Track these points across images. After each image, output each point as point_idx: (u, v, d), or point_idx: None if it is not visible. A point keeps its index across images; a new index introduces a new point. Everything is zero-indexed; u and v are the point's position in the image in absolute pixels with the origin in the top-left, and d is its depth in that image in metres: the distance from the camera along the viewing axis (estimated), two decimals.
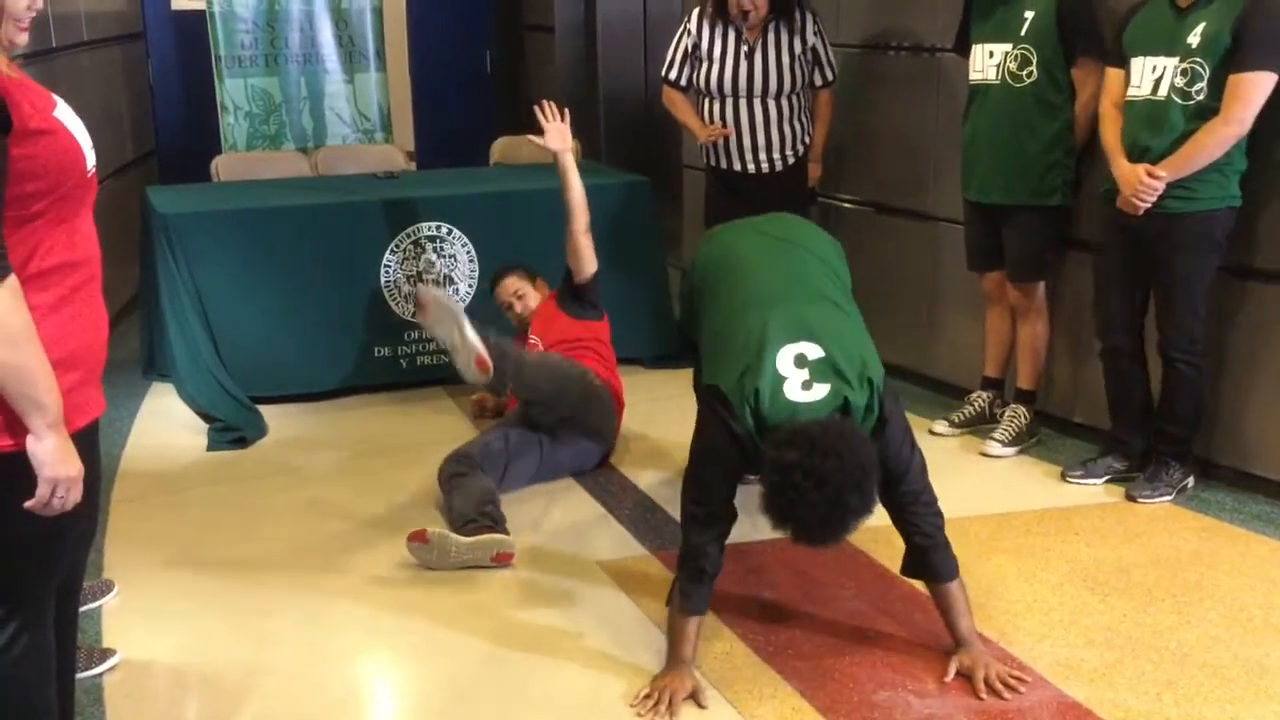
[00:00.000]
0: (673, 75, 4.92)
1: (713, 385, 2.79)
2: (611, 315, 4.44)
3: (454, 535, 3.43)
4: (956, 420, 4.47)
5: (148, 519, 3.81)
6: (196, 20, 6.80)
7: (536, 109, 4.41)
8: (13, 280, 1.75)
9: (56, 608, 2.07)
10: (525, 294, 4.58)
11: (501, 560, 3.42)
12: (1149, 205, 3.63)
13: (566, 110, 4.41)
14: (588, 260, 4.35)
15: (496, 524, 3.51)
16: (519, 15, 8.40)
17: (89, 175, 1.92)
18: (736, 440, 2.71)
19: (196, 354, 4.70)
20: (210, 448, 4.39)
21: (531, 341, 4.31)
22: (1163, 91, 3.62)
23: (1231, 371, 3.88)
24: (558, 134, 4.39)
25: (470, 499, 3.60)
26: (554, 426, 3.97)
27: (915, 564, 2.92)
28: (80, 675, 2.67)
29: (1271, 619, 3.13)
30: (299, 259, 4.83)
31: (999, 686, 2.78)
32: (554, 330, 4.32)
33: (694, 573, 2.81)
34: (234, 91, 6.63)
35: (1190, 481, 3.89)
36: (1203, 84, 3.54)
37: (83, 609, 2.89)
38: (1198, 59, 3.54)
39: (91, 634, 3.05)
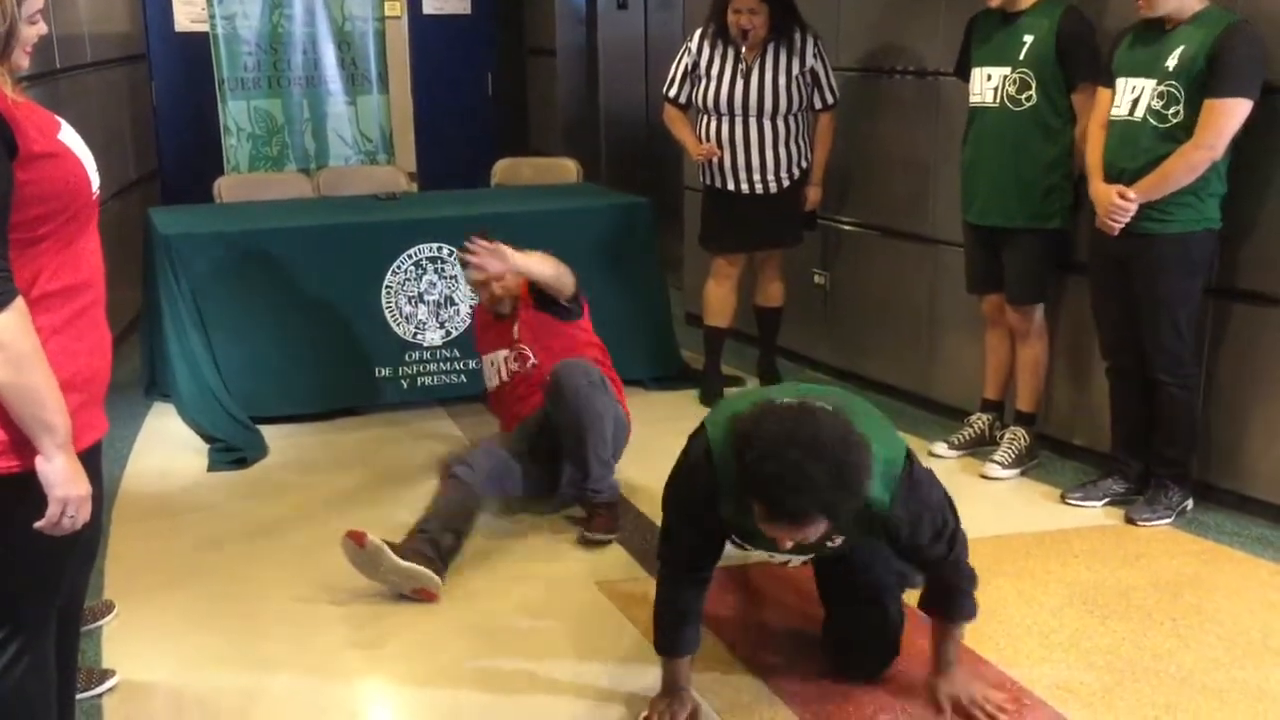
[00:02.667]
0: (673, 93, 4.96)
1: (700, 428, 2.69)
2: (611, 337, 4.43)
3: (389, 552, 3.32)
4: (956, 442, 4.48)
5: (148, 540, 3.81)
6: (200, 42, 6.83)
7: (466, 248, 3.95)
8: (19, 302, 1.77)
9: (57, 629, 2.08)
10: (503, 276, 4.06)
11: (422, 595, 3.35)
12: (1123, 226, 3.65)
13: (485, 236, 3.97)
14: (567, 288, 4.09)
15: (435, 559, 3.42)
16: (521, 38, 8.45)
17: (94, 198, 1.94)
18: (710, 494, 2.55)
19: (197, 374, 4.71)
20: (211, 468, 4.39)
21: (524, 352, 4.14)
22: (1139, 113, 3.64)
23: (1226, 394, 3.89)
24: (489, 259, 3.89)
25: (443, 516, 3.55)
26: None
27: (937, 602, 2.78)
28: (80, 696, 2.67)
29: (1271, 642, 3.13)
30: (300, 280, 4.85)
31: (991, 710, 2.76)
32: (550, 339, 4.08)
33: (674, 619, 2.73)
34: (236, 113, 6.66)
35: (1189, 504, 3.89)
36: (1178, 107, 3.55)
37: (83, 630, 2.89)
38: (1174, 82, 3.56)
39: (91, 655, 3.05)
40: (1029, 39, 4.03)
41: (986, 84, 4.13)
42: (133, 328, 5.61)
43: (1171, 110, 3.57)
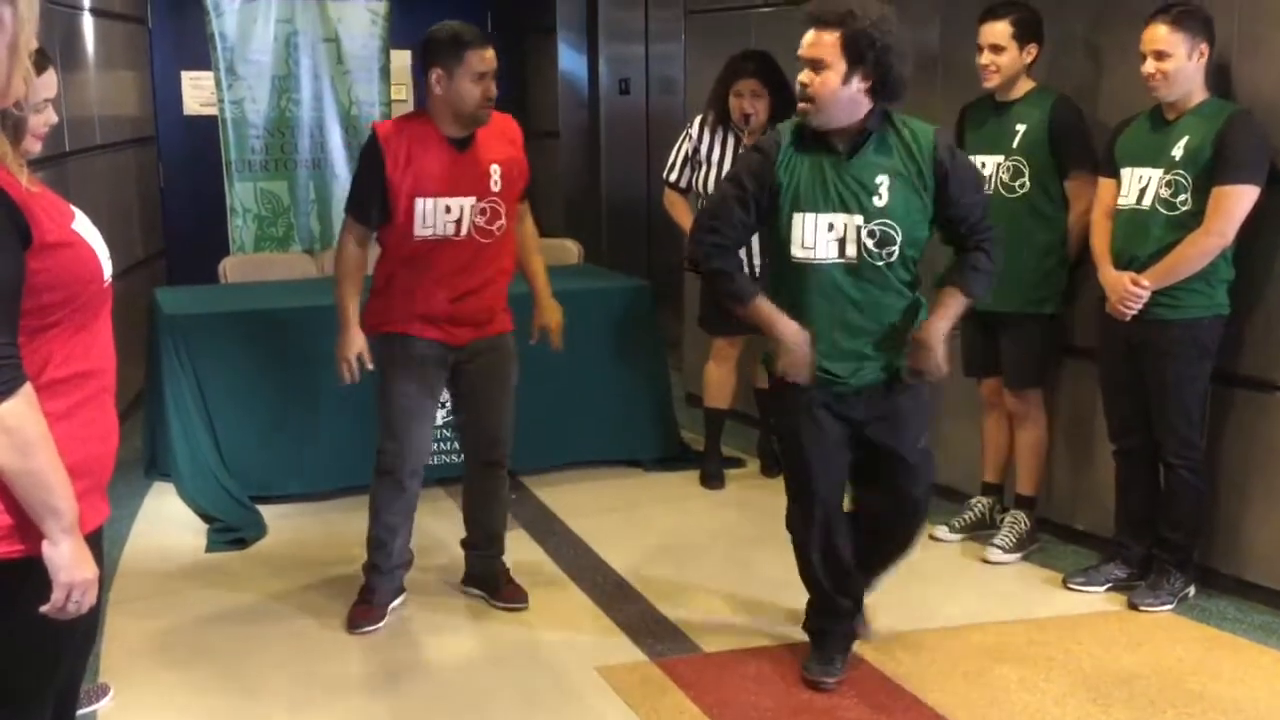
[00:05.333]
0: (673, 177, 5.03)
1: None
2: (611, 418, 4.44)
3: None
4: (957, 525, 4.47)
5: (145, 622, 3.79)
6: (208, 125, 6.94)
7: None
8: (27, 388, 1.78)
9: (53, 712, 2.06)
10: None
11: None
12: (1135, 312, 3.69)
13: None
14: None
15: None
16: (525, 121, 8.55)
17: (106, 286, 1.97)
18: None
19: (198, 453, 4.72)
20: (209, 549, 4.38)
21: (497, 208, 3.61)
22: (1147, 202, 3.70)
23: (1227, 479, 3.90)
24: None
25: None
26: None
27: (957, 278, 3.27)
28: None
29: None
30: (302, 360, 4.86)
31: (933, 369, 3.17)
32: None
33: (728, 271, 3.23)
34: (243, 194, 6.74)
35: (1191, 590, 3.88)
36: (1186, 195, 3.62)
37: (79, 713, 2.86)
38: (1181, 171, 3.63)
39: None
40: (1021, 128, 4.10)
41: (980, 172, 4.19)
42: (135, 406, 5.63)
43: (1180, 199, 3.63)
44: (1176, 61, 3.60)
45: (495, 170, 3.58)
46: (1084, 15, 4.20)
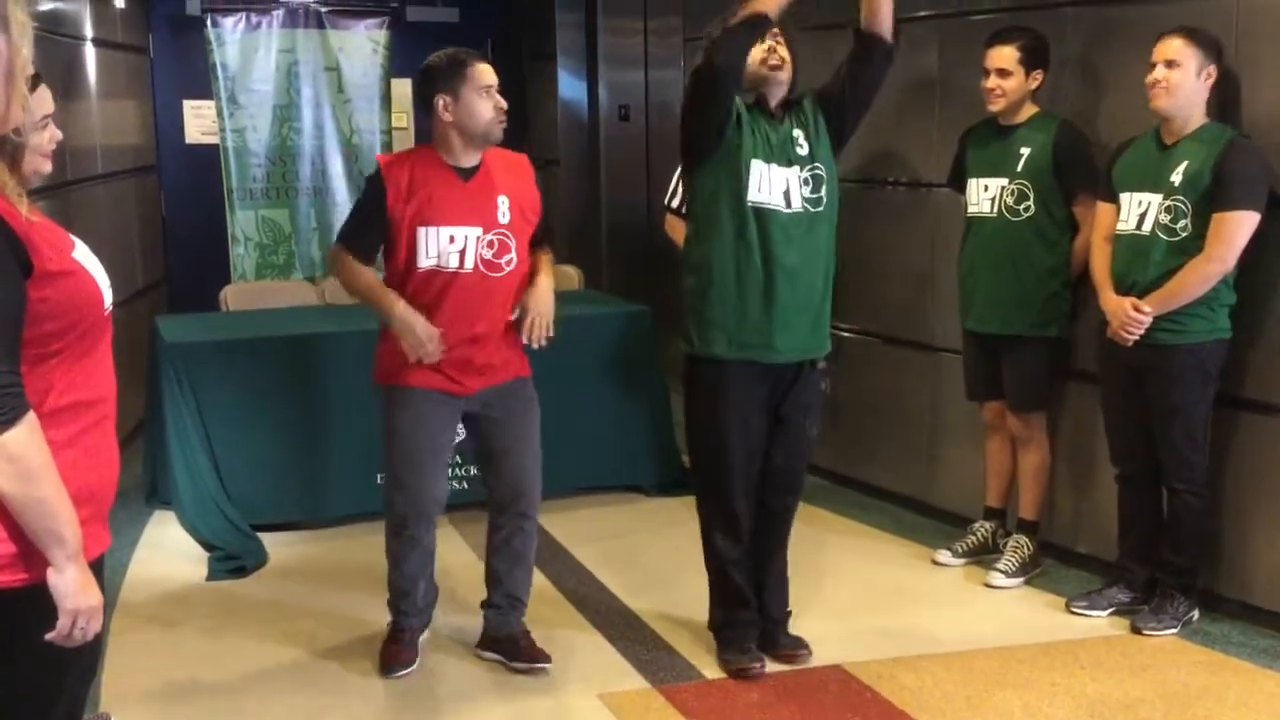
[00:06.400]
0: (674, 203, 5.02)
1: None
2: (613, 443, 4.43)
3: None
4: (959, 550, 4.46)
5: (146, 651, 3.77)
6: (209, 153, 6.97)
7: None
8: (30, 417, 1.78)
9: None
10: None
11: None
12: (1137, 337, 3.70)
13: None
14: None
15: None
16: (526, 149, 8.58)
17: (106, 314, 1.97)
18: None
19: (199, 481, 4.71)
20: (210, 577, 4.37)
21: (506, 241, 3.48)
22: (1147, 227, 3.71)
23: (1230, 502, 3.89)
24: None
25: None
26: None
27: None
28: None
29: None
30: (304, 387, 4.87)
31: None
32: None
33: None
34: (244, 222, 6.77)
35: (1195, 614, 3.86)
36: (1186, 221, 3.63)
37: None
38: (1181, 197, 3.63)
39: None
40: (1025, 151, 4.11)
41: (984, 194, 4.21)
42: (136, 434, 5.63)
43: (1180, 224, 3.64)
44: (1184, 74, 3.60)
45: (503, 201, 3.46)
46: (1083, 39, 4.22)
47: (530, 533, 3.66)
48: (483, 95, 3.40)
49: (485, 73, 3.44)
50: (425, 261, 3.40)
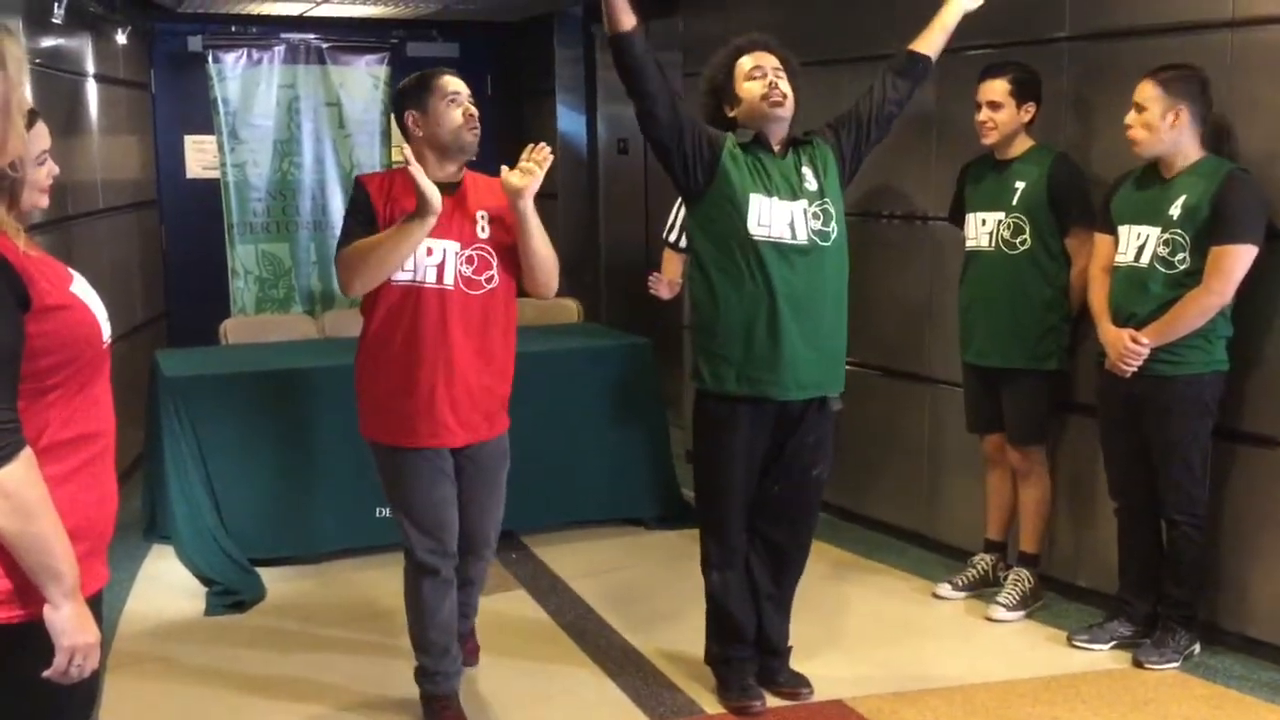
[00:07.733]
0: (672, 238, 5.04)
1: None
2: (613, 476, 4.43)
3: None
4: (960, 583, 4.44)
5: (143, 687, 3.75)
6: (210, 188, 6.99)
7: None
8: (27, 453, 1.78)
9: None
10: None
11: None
12: (1135, 368, 3.70)
13: (549, 155, 3.38)
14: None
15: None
16: None
17: (105, 348, 1.97)
18: None
19: (197, 516, 4.70)
20: (208, 612, 4.36)
21: (486, 256, 3.43)
22: (1145, 259, 3.72)
23: (1231, 535, 3.88)
24: (522, 175, 3.32)
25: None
26: None
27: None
28: None
29: None
30: (302, 420, 4.87)
31: None
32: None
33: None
34: (244, 256, 6.79)
35: (1197, 648, 3.85)
36: (1184, 254, 3.64)
37: None
38: (1179, 230, 3.65)
39: None
40: (1021, 185, 4.13)
41: (981, 228, 4.23)
42: (134, 468, 5.62)
43: (1178, 257, 3.65)
44: (1149, 118, 3.64)
45: (482, 216, 3.38)
46: (1077, 73, 4.25)
47: (488, 559, 3.65)
48: (449, 103, 3.34)
49: (450, 82, 3.41)
50: (402, 275, 3.30)
